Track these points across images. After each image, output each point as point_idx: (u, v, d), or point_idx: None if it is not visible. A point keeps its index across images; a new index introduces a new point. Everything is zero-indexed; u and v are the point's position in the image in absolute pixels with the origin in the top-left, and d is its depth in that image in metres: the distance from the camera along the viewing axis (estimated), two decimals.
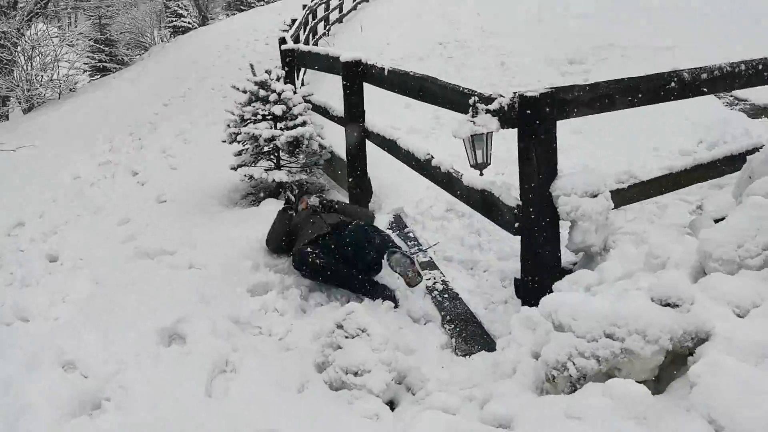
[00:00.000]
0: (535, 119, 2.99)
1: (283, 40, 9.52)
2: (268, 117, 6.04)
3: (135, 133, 9.66)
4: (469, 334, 3.37)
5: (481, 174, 3.24)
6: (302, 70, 9.67)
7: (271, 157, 6.16)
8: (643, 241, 3.15)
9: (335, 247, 3.96)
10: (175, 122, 9.98)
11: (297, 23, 12.26)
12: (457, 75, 11.80)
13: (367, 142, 5.32)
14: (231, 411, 2.74)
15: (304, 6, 15.32)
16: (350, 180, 5.41)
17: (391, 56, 14.55)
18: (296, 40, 12.68)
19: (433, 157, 4.07)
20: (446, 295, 3.90)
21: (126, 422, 2.63)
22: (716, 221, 2.95)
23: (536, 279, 3.15)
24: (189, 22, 26.21)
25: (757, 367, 2.00)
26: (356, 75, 5.16)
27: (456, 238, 4.84)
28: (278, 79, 6.15)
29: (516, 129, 3.08)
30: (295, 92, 6.20)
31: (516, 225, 3.16)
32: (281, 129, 6.00)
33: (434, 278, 4.13)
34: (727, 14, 12.80)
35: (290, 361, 3.12)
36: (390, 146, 4.74)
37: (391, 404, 2.82)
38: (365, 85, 5.20)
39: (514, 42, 14.00)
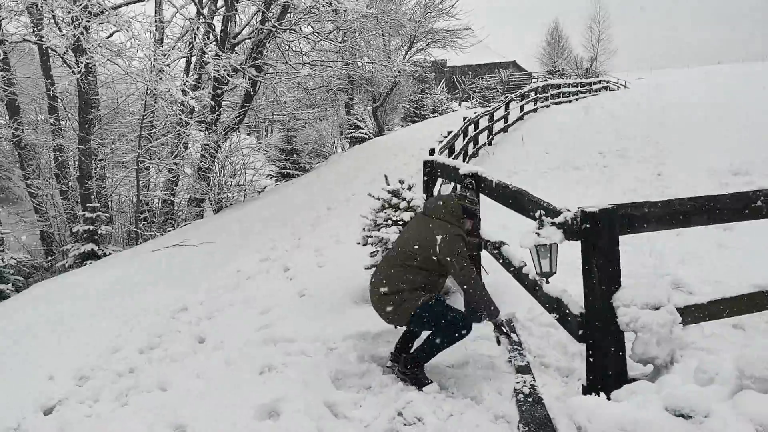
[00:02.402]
0: (597, 233, 3.17)
1: (432, 152, 10.23)
2: (399, 222, 6.59)
3: (296, 233, 10.72)
4: None
5: (547, 282, 3.44)
6: (439, 180, 10.22)
7: None
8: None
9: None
10: (332, 224, 10.95)
11: (452, 135, 13.02)
12: (608, 185, 11.78)
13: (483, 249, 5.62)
14: None
15: (465, 118, 16.24)
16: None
17: (547, 166, 14.81)
18: (451, 151, 13.45)
19: (525, 264, 4.29)
20: (530, 399, 4.00)
21: None
22: None
23: (599, 387, 3.21)
24: (366, 133, 28.46)
25: None
26: (472, 185, 5.56)
27: (559, 346, 4.90)
28: (409, 188, 6.72)
29: (579, 242, 3.28)
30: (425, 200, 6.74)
31: (580, 332, 3.29)
32: None
33: (524, 382, 4.25)
34: None
35: None
36: (496, 254, 5.02)
37: None
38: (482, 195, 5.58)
39: (679, 151, 13.68)
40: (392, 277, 4.31)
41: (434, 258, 4.28)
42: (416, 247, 4.33)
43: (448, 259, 4.21)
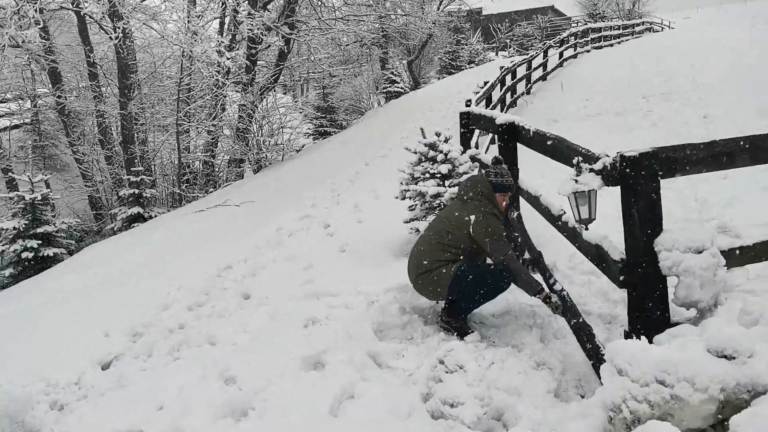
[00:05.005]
0: (637, 178, 3.12)
1: (468, 103, 10.10)
2: (437, 175, 6.58)
3: (336, 189, 10.80)
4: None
5: (587, 229, 3.41)
6: (476, 131, 10.11)
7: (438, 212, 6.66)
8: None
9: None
10: (370, 179, 10.99)
11: (488, 85, 12.81)
12: (652, 129, 11.49)
13: (521, 198, 5.59)
14: (346, 429, 3.21)
15: (501, 67, 15.93)
16: (504, 234, 5.68)
17: (587, 113, 14.49)
18: (488, 101, 13.25)
19: (564, 212, 4.26)
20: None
21: (260, 427, 3.22)
22: None
23: (641, 332, 3.21)
24: (402, 87, 28.20)
25: None
26: (509, 135, 5.50)
27: (601, 293, 4.89)
28: (446, 141, 6.68)
29: (619, 187, 3.23)
30: (463, 152, 6.69)
31: (621, 278, 3.27)
32: (448, 186, 6.51)
33: None
34: None
35: (406, 392, 3.51)
36: (534, 202, 4.99)
37: None
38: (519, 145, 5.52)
39: (726, 92, 13.22)
40: (425, 257, 4.39)
41: (469, 238, 4.32)
42: (448, 227, 4.40)
43: (483, 239, 4.25)
